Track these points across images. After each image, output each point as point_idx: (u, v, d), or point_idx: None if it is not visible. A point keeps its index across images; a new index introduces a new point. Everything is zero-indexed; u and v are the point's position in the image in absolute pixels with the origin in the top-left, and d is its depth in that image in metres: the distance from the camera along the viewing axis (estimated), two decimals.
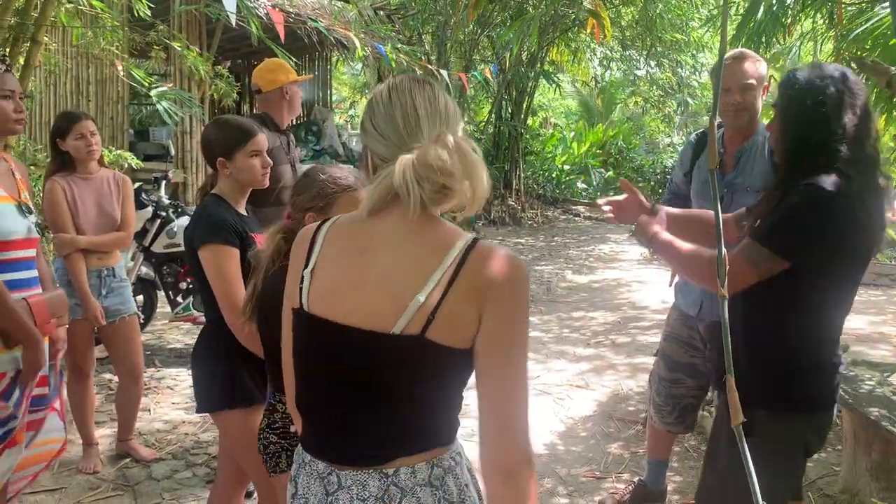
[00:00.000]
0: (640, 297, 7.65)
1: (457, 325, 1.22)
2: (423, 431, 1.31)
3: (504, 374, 1.24)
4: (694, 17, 11.32)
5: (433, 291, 1.21)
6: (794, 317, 1.88)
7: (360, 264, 1.28)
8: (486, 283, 1.22)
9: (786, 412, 1.90)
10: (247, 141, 2.37)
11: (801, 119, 1.85)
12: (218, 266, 2.24)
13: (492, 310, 1.22)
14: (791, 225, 1.80)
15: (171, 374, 4.85)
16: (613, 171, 16.91)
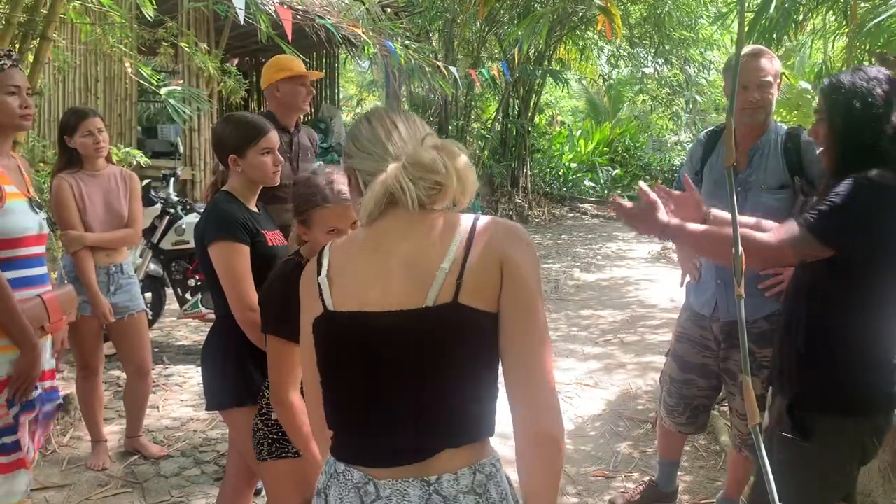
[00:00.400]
0: (648, 295, 7.62)
1: (484, 286, 1.27)
2: (466, 416, 1.30)
3: (529, 329, 1.28)
4: (703, 14, 11.27)
5: (455, 260, 1.27)
6: (853, 315, 1.88)
7: (377, 259, 1.32)
8: (497, 243, 1.29)
9: (844, 415, 1.89)
10: (259, 138, 2.35)
11: (851, 122, 1.86)
12: (228, 263, 2.23)
13: (507, 263, 1.28)
14: (839, 211, 1.79)
15: (180, 371, 4.85)
16: (621, 168, 16.86)
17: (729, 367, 2.86)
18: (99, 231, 3.41)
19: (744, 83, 2.67)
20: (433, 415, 1.28)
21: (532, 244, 1.36)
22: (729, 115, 1.72)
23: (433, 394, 1.28)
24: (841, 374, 1.88)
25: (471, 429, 1.30)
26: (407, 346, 1.27)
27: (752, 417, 1.59)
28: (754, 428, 1.59)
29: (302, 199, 2.02)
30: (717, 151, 2.92)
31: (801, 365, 1.92)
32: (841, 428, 1.88)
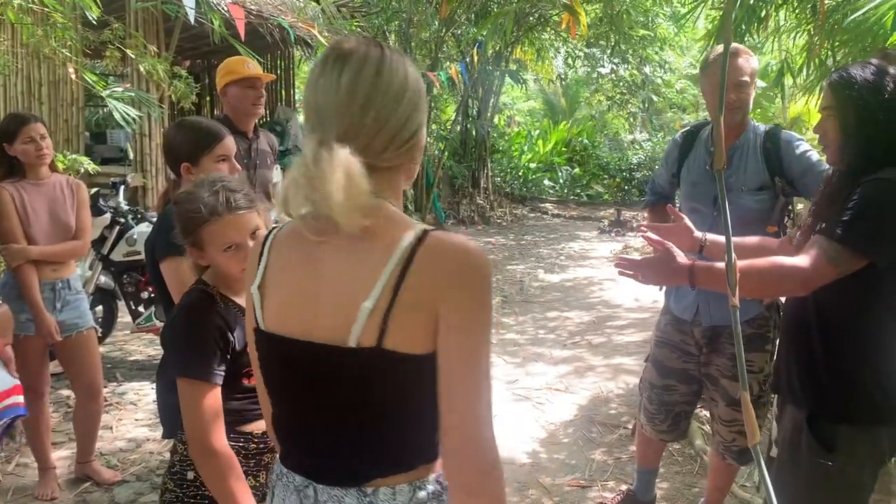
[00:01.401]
0: (612, 295, 7.59)
1: (414, 329, 1.10)
2: (398, 450, 1.20)
3: (464, 376, 1.12)
4: (660, 13, 11.33)
5: (381, 296, 1.09)
6: (879, 320, 1.81)
7: (310, 273, 1.18)
8: (438, 278, 1.10)
9: (870, 425, 1.81)
10: (213, 144, 2.20)
11: (864, 118, 1.77)
12: (181, 279, 2.06)
13: (447, 307, 1.10)
14: (867, 219, 1.71)
15: (134, 388, 4.63)
16: (580, 168, 16.93)
17: (710, 372, 2.79)
18: (44, 244, 3.20)
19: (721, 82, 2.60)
20: (363, 448, 1.20)
21: (486, 277, 1.12)
22: (717, 116, 1.62)
23: (361, 430, 1.20)
24: (869, 383, 1.81)
25: (405, 460, 1.21)
26: (332, 381, 1.18)
27: (751, 436, 1.50)
28: (755, 447, 1.50)
29: (186, 219, 1.78)
30: (695, 152, 2.84)
31: (823, 374, 1.83)
32: (866, 438, 1.81)
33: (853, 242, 1.70)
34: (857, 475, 1.81)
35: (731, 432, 2.73)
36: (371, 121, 1.14)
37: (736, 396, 2.70)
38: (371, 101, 1.14)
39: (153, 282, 2.23)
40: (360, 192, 1.08)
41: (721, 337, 2.74)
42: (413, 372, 1.13)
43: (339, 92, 1.14)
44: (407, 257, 1.10)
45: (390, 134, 1.16)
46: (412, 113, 1.17)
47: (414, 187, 11.49)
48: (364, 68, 1.15)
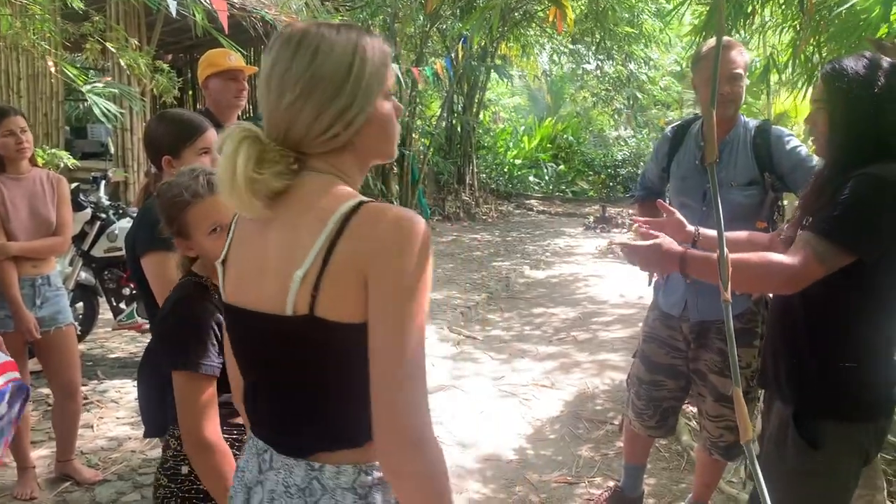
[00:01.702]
0: (598, 291, 7.59)
1: (345, 296, 1.10)
2: (341, 424, 1.21)
3: (387, 344, 1.09)
4: (645, 9, 11.34)
5: (313, 264, 1.11)
6: (868, 318, 1.79)
7: (260, 246, 1.21)
8: (368, 246, 1.10)
9: (856, 422, 1.80)
10: (195, 137, 2.15)
11: (854, 111, 1.75)
12: (162, 275, 2.02)
13: (374, 272, 1.09)
14: (855, 215, 1.68)
15: (115, 385, 4.56)
16: (565, 164, 16.94)
17: (699, 367, 2.78)
18: (23, 239, 3.14)
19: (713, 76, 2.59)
20: (306, 417, 1.22)
21: (416, 242, 1.09)
22: (710, 109, 1.60)
23: (305, 402, 1.21)
24: (856, 380, 1.80)
25: (348, 434, 1.20)
26: (276, 350, 1.21)
27: (744, 433, 1.49)
28: (747, 444, 1.48)
29: (169, 205, 1.77)
30: (685, 147, 2.82)
31: (810, 371, 1.82)
32: (851, 435, 1.80)
33: (841, 239, 1.68)
34: (842, 472, 1.80)
35: (718, 428, 2.72)
36: (285, 108, 1.16)
37: (724, 392, 2.69)
38: (283, 89, 1.16)
39: (134, 278, 2.18)
40: (249, 182, 1.12)
41: (709, 332, 2.73)
42: (349, 341, 1.12)
43: (269, 76, 1.18)
44: (339, 226, 1.11)
45: (307, 121, 1.16)
46: (328, 101, 1.15)
47: (399, 183, 11.45)
48: (282, 55, 1.17)
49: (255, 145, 1.15)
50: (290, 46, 1.17)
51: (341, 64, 1.15)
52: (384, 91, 1.20)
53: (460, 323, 6.27)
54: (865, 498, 2.95)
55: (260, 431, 1.30)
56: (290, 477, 1.21)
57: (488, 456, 3.77)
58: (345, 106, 1.16)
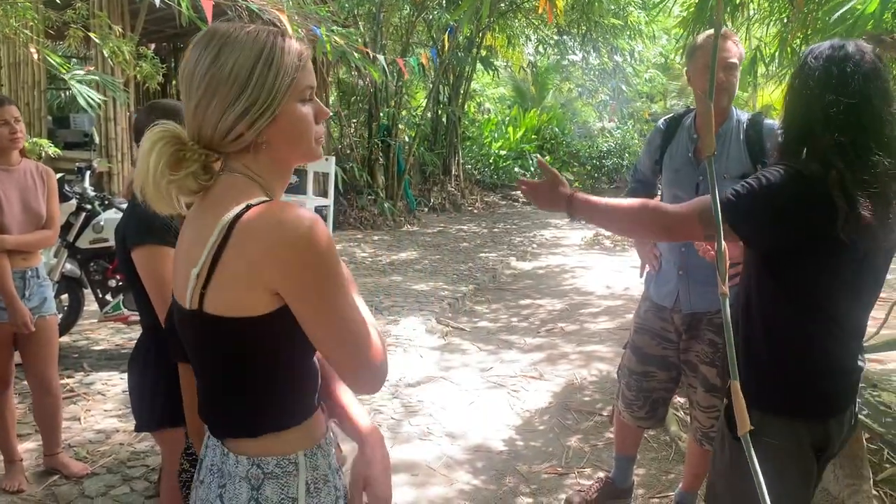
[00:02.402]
0: (584, 282, 7.62)
1: (232, 295, 1.16)
2: (237, 412, 1.26)
3: (324, 335, 1.18)
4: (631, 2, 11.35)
5: (203, 264, 1.17)
6: (783, 312, 1.75)
7: (181, 244, 1.28)
8: (252, 252, 1.13)
9: (782, 416, 1.76)
10: None
11: (792, 100, 1.73)
12: (154, 268, 2.00)
13: (276, 281, 1.14)
14: (755, 200, 1.65)
15: (102, 378, 4.52)
16: (550, 156, 16.96)
17: (689, 358, 2.80)
18: (16, 233, 3.10)
19: (709, 63, 2.60)
20: (213, 406, 1.30)
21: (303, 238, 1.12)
22: (708, 99, 1.60)
23: (208, 387, 1.29)
24: (772, 373, 1.77)
25: (246, 423, 1.26)
26: (190, 340, 1.28)
27: (741, 425, 1.49)
28: (744, 436, 1.49)
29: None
30: (678, 139, 2.83)
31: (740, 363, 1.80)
32: (774, 427, 1.74)
33: (730, 213, 1.63)
34: (777, 465, 1.70)
35: (709, 418, 2.75)
36: (193, 108, 1.20)
37: (715, 383, 2.71)
38: (191, 90, 1.20)
39: (123, 271, 2.15)
40: (157, 183, 1.16)
41: (701, 323, 2.75)
42: (237, 336, 1.18)
43: (179, 78, 1.26)
44: (226, 232, 1.15)
45: (213, 121, 1.19)
46: (231, 104, 1.17)
47: (385, 175, 11.41)
48: (192, 55, 1.21)
49: (169, 146, 1.17)
50: (198, 47, 1.20)
51: (244, 66, 1.17)
52: (296, 92, 1.22)
53: (448, 314, 6.27)
54: (852, 487, 3.00)
55: (199, 408, 1.37)
56: (214, 456, 1.30)
57: (477, 447, 3.78)
58: (247, 106, 1.18)
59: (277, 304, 1.16)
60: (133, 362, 2.18)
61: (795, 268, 1.70)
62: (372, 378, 1.23)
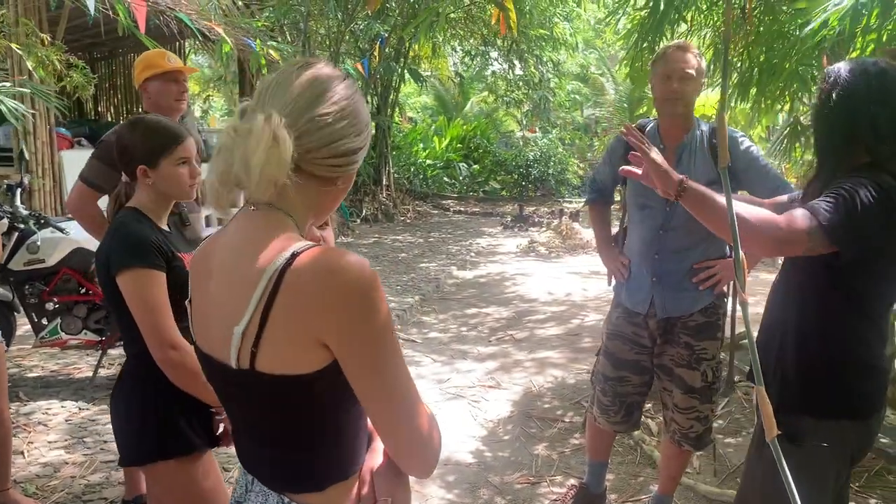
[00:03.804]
0: (526, 289, 7.70)
1: (286, 352, 1.10)
2: (299, 469, 1.21)
3: (378, 402, 1.13)
4: (556, 13, 11.59)
5: (251, 321, 1.09)
6: (844, 319, 1.83)
7: (205, 293, 1.21)
8: (308, 307, 1.07)
9: (832, 418, 1.83)
10: (174, 146, 2.03)
11: (824, 115, 1.79)
12: (142, 294, 1.89)
13: (328, 334, 1.08)
14: (847, 211, 1.70)
15: (41, 407, 4.27)
16: (478, 165, 17.12)
17: (664, 362, 2.85)
18: None
19: (668, 73, 2.68)
20: (269, 462, 1.24)
21: (360, 295, 1.08)
22: (721, 114, 1.64)
23: (264, 444, 1.23)
24: (831, 378, 1.84)
25: (311, 478, 1.21)
26: (230, 396, 1.23)
27: (769, 430, 1.53)
28: (773, 441, 1.53)
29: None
30: None
31: (789, 367, 1.86)
32: (828, 431, 1.83)
33: (831, 228, 1.69)
34: (819, 470, 1.82)
35: (689, 419, 2.81)
36: (312, 116, 1.14)
37: (692, 384, 2.78)
38: (321, 99, 1.15)
39: (108, 301, 2.02)
40: (280, 160, 1.07)
41: (675, 328, 2.81)
42: (293, 393, 1.13)
43: (298, 80, 1.16)
44: (274, 283, 1.08)
45: (326, 139, 1.15)
46: (352, 135, 1.18)
47: None
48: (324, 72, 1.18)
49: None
50: (335, 73, 1.21)
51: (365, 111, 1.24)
52: None
53: (397, 326, 6.22)
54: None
55: (241, 459, 1.32)
56: (266, 502, 1.24)
57: (445, 460, 3.75)
58: (360, 146, 1.21)
59: (331, 357, 1.11)
60: (119, 392, 2.04)
61: (866, 276, 1.78)
62: (424, 453, 1.17)
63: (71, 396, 4.44)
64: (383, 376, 1.11)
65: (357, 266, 1.08)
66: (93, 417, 4.14)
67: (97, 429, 3.99)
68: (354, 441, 1.24)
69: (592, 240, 9.93)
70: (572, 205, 13.95)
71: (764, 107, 4.55)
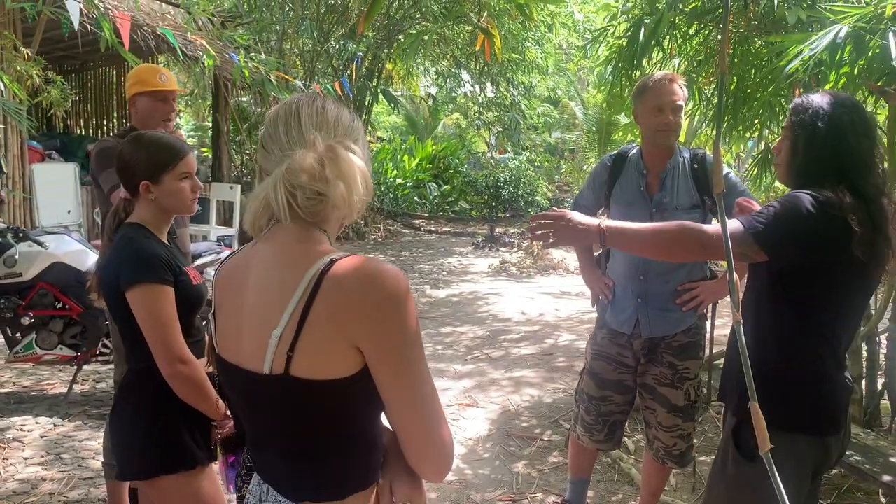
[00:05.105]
0: (500, 309, 7.77)
1: (321, 356, 1.15)
2: (321, 478, 1.25)
3: (401, 402, 1.19)
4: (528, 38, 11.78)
5: (288, 325, 1.14)
6: (795, 331, 1.88)
7: (237, 304, 1.25)
8: (346, 311, 1.13)
9: (790, 432, 1.86)
10: (176, 161, 2.07)
11: (812, 143, 1.88)
12: (152, 309, 1.91)
13: (362, 338, 1.14)
14: (774, 219, 1.79)
15: (15, 423, 4.20)
16: (449, 185, 17.23)
17: (646, 381, 2.94)
18: None
19: (659, 105, 2.77)
20: (290, 470, 1.26)
21: (396, 299, 1.14)
22: (716, 143, 1.72)
23: (283, 455, 1.26)
24: (786, 390, 1.89)
25: (332, 486, 1.25)
26: (259, 406, 1.26)
27: (762, 444, 1.59)
28: (766, 454, 1.59)
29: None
30: (626, 174, 2.97)
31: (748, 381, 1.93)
32: (786, 445, 1.82)
33: (756, 233, 1.79)
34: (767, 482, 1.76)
35: (672, 437, 2.89)
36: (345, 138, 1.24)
37: (676, 403, 2.86)
38: (353, 132, 1.26)
39: (113, 313, 2.04)
40: (371, 188, 1.23)
41: (658, 347, 2.89)
42: (326, 398, 1.17)
43: (324, 112, 1.25)
44: (313, 287, 1.13)
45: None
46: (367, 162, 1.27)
47: None
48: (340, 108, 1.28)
49: None
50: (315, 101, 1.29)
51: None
52: None
53: None
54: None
55: (258, 469, 1.35)
56: None
57: None
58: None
59: (362, 364, 1.16)
60: (121, 406, 2.05)
61: (809, 287, 1.85)
62: (442, 458, 1.23)
63: (45, 412, 4.38)
64: (412, 382, 1.17)
65: (394, 275, 1.15)
66: (68, 434, 4.09)
67: (73, 445, 3.94)
68: (375, 451, 1.28)
69: (563, 260, 10.13)
70: None
71: (735, 134, 4.71)
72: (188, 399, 1.93)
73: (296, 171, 1.16)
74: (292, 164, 1.16)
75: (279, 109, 1.26)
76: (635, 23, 4.01)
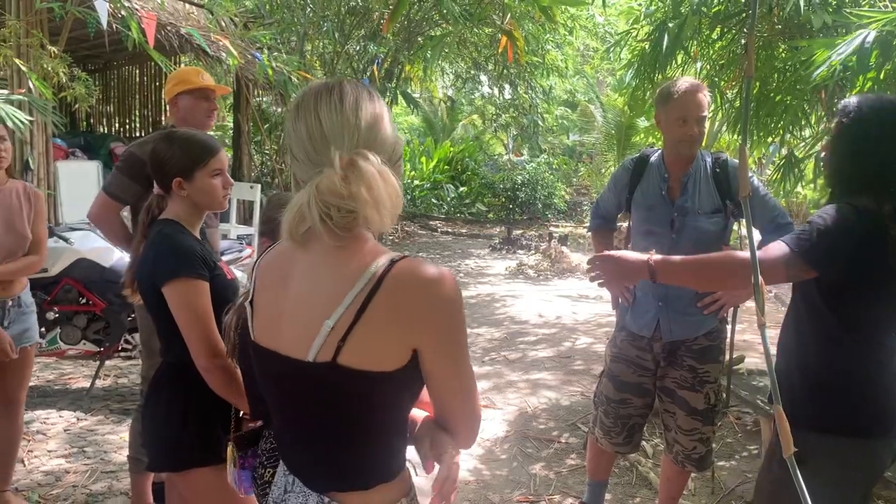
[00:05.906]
0: (517, 311, 7.77)
1: (374, 349, 1.19)
2: (351, 469, 1.28)
3: (453, 391, 1.28)
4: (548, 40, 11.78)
5: (343, 316, 1.17)
6: (840, 338, 1.90)
7: (280, 293, 1.28)
8: (407, 310, 1.19)
9: (838, 435, 1.89)
10: (209, 158, 2.10)
11: (851, 146, 1.89)
12: (190, 303, 1.95)
13: (424, 338, 1.21)
14: (821, 236, 1.81)
15: (40, 416, 4.27)
16: (467, 187, 17.26)
17: (666, 384, 2.94)
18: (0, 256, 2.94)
19: (684, 116, 2.76)
20: (320, 459, 1.30)
21: (453, 303, 1.22)
22: (742, 146, 1.73)
23: (318, 441, 1.29)
24: (833, 395, 1.91)
25: (356, 479, 1.29)
26: (294, 395, 1.29)
27: (786, 447, 1.61)
28: (790, 458, 1.60)
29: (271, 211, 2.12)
30: (647, 178, 2.97)
31: (796, 384, 1.95)
32: (834, 448, 1.89)
33: (803, 252, 1.82)
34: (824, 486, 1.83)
35: (692, 441, 2.89)
36: (374, 136, 1.24)
37: (695, 406, 2.86)
38: (376, 121, 1.25)
39: (149, 310, 2.08)
40: (399, 195, 1.21)
41: (679, 350, 2.89)
42: (367, 388, 1.21)
43: (343, 108, 1.23)
44: (375, 283, 1.18)
45: (388, 152, 1.27)
46: (396, 138, 1.30)
47: None
48: (359, 94, 1.26)
49: None
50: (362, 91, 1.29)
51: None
52: None
53: None
54: None
55: (285, 460, 1.38)
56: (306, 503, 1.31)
57: None
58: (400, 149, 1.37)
59: (408, 359, 1.21)
60: (154, 398, 2.09)
61: (851, 296, 1.87)
62: (475, 427, 1.36)
63: (68, 406, 4.44)
64: (461, 371, 1.28)
65: (451, 279, 1.22)
66: (91, 427, 4.14)
67: (96, 439, 3.99)
68: (402, 443, 1.33)
69: (581, 263, 10.09)
70: (560, 229, 14.08)
71: (757, 139, 4.69)
72: (223, 392, 1.96)
73: (325, 192, 1.17)
74: (321, 184, 1.17)
75: (298, 110, 1.26)
76: (658, 26, 4.02)
